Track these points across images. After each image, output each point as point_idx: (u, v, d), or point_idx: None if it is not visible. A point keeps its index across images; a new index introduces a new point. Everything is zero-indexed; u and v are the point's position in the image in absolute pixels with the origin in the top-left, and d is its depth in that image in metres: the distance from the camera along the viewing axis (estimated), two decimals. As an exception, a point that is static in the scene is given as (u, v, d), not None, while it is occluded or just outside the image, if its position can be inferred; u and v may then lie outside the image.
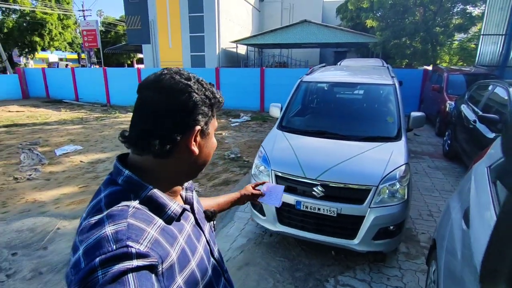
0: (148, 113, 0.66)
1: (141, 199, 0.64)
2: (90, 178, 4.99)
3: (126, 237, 0.55)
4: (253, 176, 3.07)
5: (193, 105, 0.66)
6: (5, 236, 3.30)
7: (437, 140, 7.28)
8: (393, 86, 3.69)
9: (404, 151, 2.91)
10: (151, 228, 0.60)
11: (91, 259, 0.51)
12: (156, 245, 0.58)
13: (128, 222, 0.57)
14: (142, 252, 0.54)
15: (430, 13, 13.94)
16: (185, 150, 0.68)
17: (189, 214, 0.76)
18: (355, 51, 26.92)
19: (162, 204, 0.66)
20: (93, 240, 0.54)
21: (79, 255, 0.54)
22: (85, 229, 0.57)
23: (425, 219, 3.66)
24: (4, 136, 7.75)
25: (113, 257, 0.52)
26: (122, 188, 0.65)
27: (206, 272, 0.74)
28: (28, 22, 24.97)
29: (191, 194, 0.83)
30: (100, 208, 0.61)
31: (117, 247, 0.53)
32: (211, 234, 0.86)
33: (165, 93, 0.65)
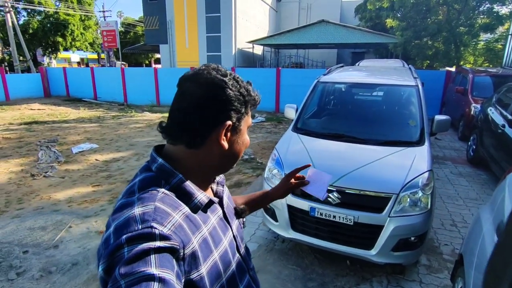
0: (184, 104, 0.69)
1: (171, 185, 0.68)
2: (103, 177, 5.01)
3: (151, 219, 0.58)
4: (265, 179, 2.95)
5: (226, 100, 0.69)
6: (18, 233, 3.32)
7: (461, 145, 6.94)
8: (416, 88, 3.48)
9: (428, 157, 2.72)
10: (176, 214, 0.63)
11: (119, 236, 0.56)
12: (179, 229, 0.61)
13: (155, 205, 0.61)
14: (165, 234, 0.57)
15: (454, 12, 13.40)
16: (216, 143, 0.71)
17: (217, 207, 0.78)
18: (373, 52, 26.33)
19: (189, 192, 0.69)
20: (123, 219, 0.59)
21: (110, 232, 0.58)
22: (118, 209, 0.63)
23: (448, 229, 3.44)
24: (24, 133, 7.96)
25: (138, 236, 0.55)
26: (155, 174, 0.69)
27: (229, 265, 0.75)
28: (52, 23, 25.82)
29: (222, 188, 0.84)
30: (133, 191, 0.66)
31: (143, 227, 0.57)
32: (239, 230, 0.87)
33: (200, 86, 0.69)
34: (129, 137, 7.64)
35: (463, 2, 12.88)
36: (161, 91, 13.24)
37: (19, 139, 7.35)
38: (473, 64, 15.05)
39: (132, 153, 6.32)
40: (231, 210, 0.86)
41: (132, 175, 4.36)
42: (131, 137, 7.70)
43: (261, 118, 10.10)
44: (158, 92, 13.27)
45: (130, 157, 6.06)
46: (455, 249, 3.05)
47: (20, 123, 9.24)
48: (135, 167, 5.47)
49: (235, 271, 0.77)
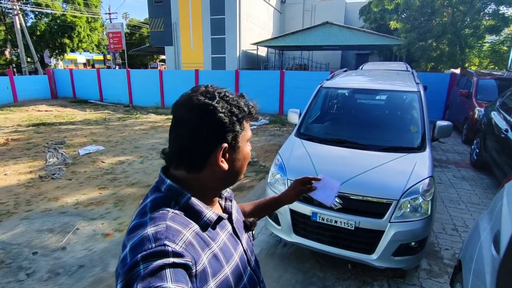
0: (179, 132, 0.73)
1: (180, 205, 0.71)
2: (109, 179, 5.10)
3: (164, 237, 0.61)
4: (268, 184, 3.00)
5: (218, 124, 0.71)
6: (27, 235, 3.41)
7: (464, 148, 6.92)
8: (418, 94, 3.51)
9: (429, 163, 2.75)
10: (187, 231, 0.66)
11: (135, 255, 0.59)
12: (190, 247, 0.64)
13: (166, 224, 0.65)
14: (177, 251, 0.60)
15: (459, 14, 13.33)
16: (215, 165, 0.73)
17: (226, 223, 0.80)
18: (377, 54, 26.25)
19: (198, 211, 0.72)
20: (137, 239, 0.62)
21: (126, 252, 0.62)
22: (131, 229, 0.66)
23: (449, 233, 3.46)
24: (32, 135, 8.10)
25: (153, 253, 0.58)
26: (165, 195, 0.72)
27: (240, 280, 0.77)
28: (59, 25, 26.13)
29: (230, 203, 0.87)
30: (145, 211, 0.69)
31: (156, 245, 0.60)
32: (248, 243, 0.89)
33: (192, 113, 0.71)
34: (134, 139, 7.74)
35: (468, 4, 12.81)
36: (165, 93, 13.36)
37: (27, 140, 7.48)
38: (478, 66, 14.95)
39: (137, 155, 6.41)
40: (240, 224, 0.88)
41: (136, 178, 4.44)
42: (135, 139, 7.80)
43: (265, 121, 10.15)
44: (163, 94, 13.39)
45: (134, 159, 6.15)
46: (456, 253, 3.08)
47: (28, 125, 9.40)
48: (139, 170, 5.55)
49: (247, 285, 0.79)
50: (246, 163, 0.81)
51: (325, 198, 1.11)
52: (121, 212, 4.02)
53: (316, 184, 1.14)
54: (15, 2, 18.80)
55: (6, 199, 4.33)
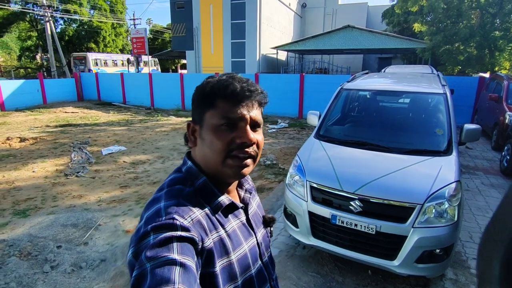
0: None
1: (195, 186, 0.75)
2: (131, 178, 5.23)
3: (174, 211, 0.66)
4: (287, 185, 2.97)
5: (192, 100, 0.78)
6: (53, 229, 3.55)
7: (493, 155, 6.60)
8: (444, 96, 3.38)
9: (455, 167, 2.64)
10: (197, 210, 0.69)
11: (147, 225, 0.64)
12: (198, 225, 0.67)
13: (179, 200, 0.70)
14: (185, 226, 0.64)
15: (488, 16, 12.80)
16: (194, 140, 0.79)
17: (240, 212, 0.82)
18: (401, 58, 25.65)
19: (211, 193, 0.75)
20: (151, 211, 0.68)
21: (142, 223, 0.67)
22: (149, 203, 0.72)
23: (477, 242, 3.28)
24: (59, 135, 8.46)
25: (162, 225, 0.63)
26: (183, 175, 0.78)
27: (247, 270, 0.78)
28: (86, 31, 27.31)
29: (249, 195, 0.89)
30: (163, 187, 0.76)
31: (166, 218, 0.64)
32: (265, 238, 0.89)
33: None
34: (155, 141, 7.92)
35: (498, 6, 12.28)
36: (186, 96, 13.60)
37: (54, 140, 7.82)
38: (509, 70, 14.25)
39: (158, 155, 6.55)
40: (258, 218, 0.89)
41: (157, 177, 4.52)
42: (156, 140, 7.97)
43: (284, 124, 10.11)
44: (184, 97, 13.64)
45: (155, 160, 6.28)
46: (485, 264, 2.91)
47: (56, 125, 9.83)
48: (160, 169, 5.66)
49: (254, 278, 0.79)
50: (214, 148, 0.73)
51: None
52: (142, 209, 4.09)
53: None
54: (47, 9, 19.83)
55: (35, 195, 4.53)
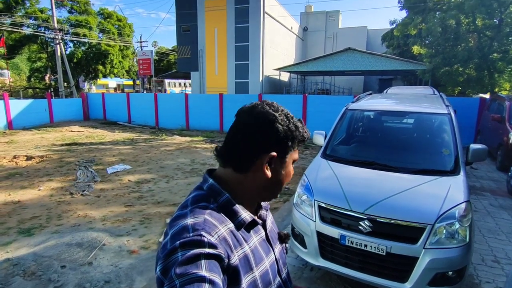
0: (237, 132, 0.79)
1: (218, 203, 0.76)
2: (135, 197, 5.22)
3: (201, 228, 0.67)
4: (295, 205, 2.96)
5: (274, 133, 0.77)
6: (57, 248, 3.51)
7: (499, 175, 6.55)
8: (448, 116, 3.43)
9: (464, 187, 2.63)
10: (222, 227, 0.71)
11: (174, 242, 0.65)
12: (224, 241, 0.68)
13: (205, 217, 0.70)
14: (212, 243, 0.65)
15: (486, 39, 13.10)
16: (260, 170, 0.78)
17: (260, 228, 0.84)
18: (401, 79, 26.03)
19: (234, 210, 0.76)
20: (177, 228, 0.68)
21: (168, 239, 0.67)
22: (173, 219, 0.72)
23: (489, 265, 3.21)
24: (65, 153, 8.53)
25: (190, 242, 0.64)
26: (206, 193, 0.78)
27: (268, 286, 0.78)
28: (94, 53, 28.11)
29: (266, 212, 0.90)
30: (187, 205, 0.76)
31: (193, 235, 0.65)
32: (281, 254, 0.90)
33: (253, 118, 0.78)
34: (160, 160, 7.95)
35: (496, 29, 12.60)
36: (190, 116, 13.78)
37: (60, 159, 7.87)
38: (510, 91, 14.40)
39: (162, 175, 6.56)
40: (274, 234, 0.90)
41: (161, 197, 4.53)
42: (161, 159, 8.00)
43: (287, 143, 10.14)
44: (188, 117, 13.81)
45: (160, 179, 6.28)
46: (498, 287, 2.84)
47: (62, 144, 9.92)
48: (164, 189, 5.65)
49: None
50: (286, 181, 0.84)
51: None
52: (147, 229, 4.06)
53: None
54: (58, 33, 20.53)
55: (40, 213, 4.52)
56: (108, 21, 29.68)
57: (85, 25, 26.43)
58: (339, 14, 31.45)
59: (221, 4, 21.40)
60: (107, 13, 30.20)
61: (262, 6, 20.51)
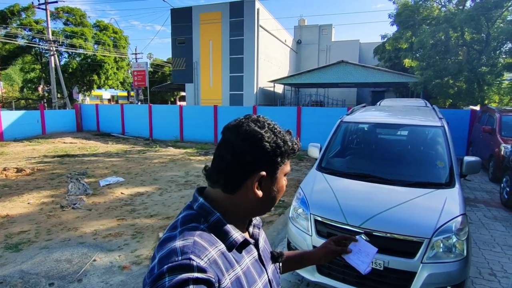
0: (223, 152, 0.75)
1: (209, 223, 0.73)
2: (128, 211, 5.12)
3: (190, 251, 0.64)
4: (290, 219, 2.92)
5: (261, 152, 0.73)
6: (45, 265, 3.40)
7: (492, 187, 6.61)
8: (442, 128, 3.46)
9: (460, 200, 2.63)
10: (212, 249, 0.68)
11: (161, 266, 0.62)
12: (214, 264, 0.65)
13: (194, 239, 0.67)
14: (202, 266, 0.62)
15: (475, 53, 13.45)
16: (250, 190, 0.75)
17: (252, 248, 0.80)
18: (393, 91, 26.46)
19: (225, 230, 0.73)
20: (165, 251, 0.65)
21: (155, 263, 0.64)
22: (162, 242, 0.70)
23: (486, 278, 3.19)
24: (57, 165, 8.38)
25: (178, 266, 0.61)
26: (196, 212, 0.75)
27: None
28: (89, 64, 28.10)
29: (258, 231, 0.87)
30: (176, 226, 0.73)
31: (182, 258, 0.62)
32: (275, 275, 0.87)
33: (239, 137, 0.74)
34: (153, 172, 7.86)
35: (483, 43, 12.96)
36: (185, 127, 13.74)
37: (51, 171, 7.73)
38: (499, 103, 14.71)
39: (156, 187, 6.46)
40: (267, 254, 0.87)
41: (154, 210, 4.44)
42: (155, 171, 7.91)
43: (282, 155, 10.13)
44: (182, 128, 13.77)
45: (153, 191, 6.19)
46: (497, 302, 2.81)
47: (54, 156, 9.77)
48: (158, 202, 5.56)
49: None
50: (279, 196, 0.81)
51: (359, 264, 1.03)
52: (139, 244, 3.97)
53: (352, 247, 1.06)
54: (52, 44, 20.53)
55: (28, 228, 4.39)
56: (104, 33, 29.80)
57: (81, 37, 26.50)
58: (332, 27, 32.12)
59: (216, 17, 21.71)
60: (103, 25, 30.35)
61: (257, 19, 20.86)
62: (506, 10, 12.59)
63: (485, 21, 12.64)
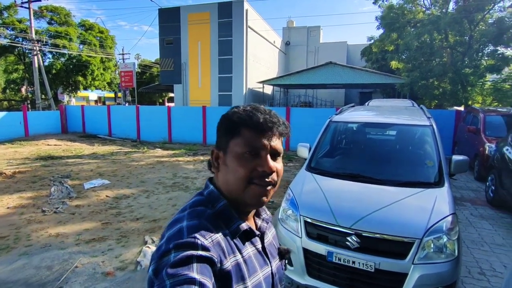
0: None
1: (216, 209, 0.77)
2: (113, 214, 4.96)
3: (196, 231, 0.68)
4: (280, 221, 2.86)
5: (218, 128, 0.80)
6: (24, 272, 3.23)
7: (478, 185, 6.72)
8: (431, 127, 3.47)
9: (449, 199, 2.62)
10: (217, 232, 0.71)
11: (169, 243, 0.66)
12: (217, 246, 0.69)
13: (200, 221, 0.72)
14: (205, 245, 0.66)
15: (458, 54, 13.75)
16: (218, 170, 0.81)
17: (257, 240, 0.82)
18: (380, 92, 26.83)
19: (231, 216, 0.77)
20: (174, 230, 0.70)
21: (163, 241, 0.69)
22: (171, 223, 0.74)
23: (476, 278, 3.20)
24: (39, 168, 8.10)
25: (184, 244, 0.65)
26: (205, 198, 0.80)
27: None
28: (74, 64, 27.46)
29: (266, 225, 0.89)
30: (185, 208, 0.78)
31: (188, 237, 0.66)
32: (279, 270, 0.88)
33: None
34: (140, 174, 7.68)
35: (466, 45, 13.26)
36: (173, 128, 13.54)
37: (33, 174, 7.46)
38: (482, 104, 15.08)
39: (142, 190, 6.31)
40: (273, 249, 0.89)
41: (141, 213, 4.30)
42: (142, 173, 7.74)
43: (271, 156, 10.08)
44: (171, 129, 13.56)
45: (140, 194, 6.03)
46: (486, 301, 2.81)
47: (36, 158, 9.45)
48: (144, 204, 5.42)
49: None
50: (235, 177, 0.75)
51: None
52: (123, 248, 3.83)
53: None
54: (35, 44, 19.95)
55: (7, 233, 4.19)
56: (89, 32, 29.17)
57: (65, 36, 25.86)
58: (320, 29, 32.37)
59: (204, 18, 21.55)
60: (89, 24, 29.71)
61: (245, 20, 20.81)
62: (487, 13, 12.93)
63: (468, 24, 12.95)
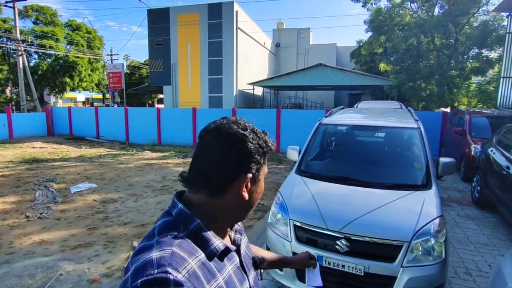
0: (206, 157, 0.72)
1: (188, 231, 0.69)
2: (100, 219, 4.85)
3: (167, 263, 0.59)
4: (269, 225, 2.84)
5: (247, 154, 0.72)
6: (5, 282, 3.12)
7: (464, 186, 6.84)
8: (418, 130, 3.50)
9: (437, 201, 2.65)
10: (192, 260, 0.63)
11: (135, 280, 0.57)
12: (193, 277, 0.61)
13: (172, 250, 0.63)
14: (179, 280, 0.58)
15: (444, 57, 14.05)
16: (236, 194, 0.73)
17: (234, 255, 0.78)
18: (369, 94, 27.17)
19: (206, 238, 0.69)
20: (140, 262, 0.60)
21: (129, 275, 0.60)
22: (137, 252, 0.65)
23: (462, 278, 3.24)
24: (24, 172, 7.88)
25: (153, 280, 0.56)
26: (174, 219, 0.71)
27: None
28: (61, 65, 26.91)
29: (240, 236, 0.85)
30: (153, 234, 0.68)
31: (158, 272, 0.58)
32: (256, 282, 0.85)
33: (223, 141, 0.71)
34: (129, 177, 7.55)
35: (452, 48, 13.56)
36: (163, 130, 13.39)
37: (17, 178, 7.25)
38: (467, 105, 15.44)
39: (131, 193, 6.20)
40: (248, 260, 0.86)
41: (128, 217, 4.21)
42: (130, 176, 7.61)
43: (262, 158, 10.07)
44: (160, 131, 13.41)
45: (128, 197, 5.93)
46: (473, 301, 2.85)
47: (21, 161, 9.19)
48: (132, 208, 5.32)
49: None
50: (259, 197, 0.80)
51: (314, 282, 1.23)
52: (110, 254, 3.74)
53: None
54: (20, 44, 19.47)
55: (-12, 241, 4.05)
56: (76, 33, 28.64)
57: (52, 37, 25.33)
58: (310, 31, 32.61)
59: (194, 19, 21.43)
60: (76, 25, 29.18)
61: (235, 21, 20.79)
62: (472, 16, 13.26)
63: (453, 27, 13.24)
